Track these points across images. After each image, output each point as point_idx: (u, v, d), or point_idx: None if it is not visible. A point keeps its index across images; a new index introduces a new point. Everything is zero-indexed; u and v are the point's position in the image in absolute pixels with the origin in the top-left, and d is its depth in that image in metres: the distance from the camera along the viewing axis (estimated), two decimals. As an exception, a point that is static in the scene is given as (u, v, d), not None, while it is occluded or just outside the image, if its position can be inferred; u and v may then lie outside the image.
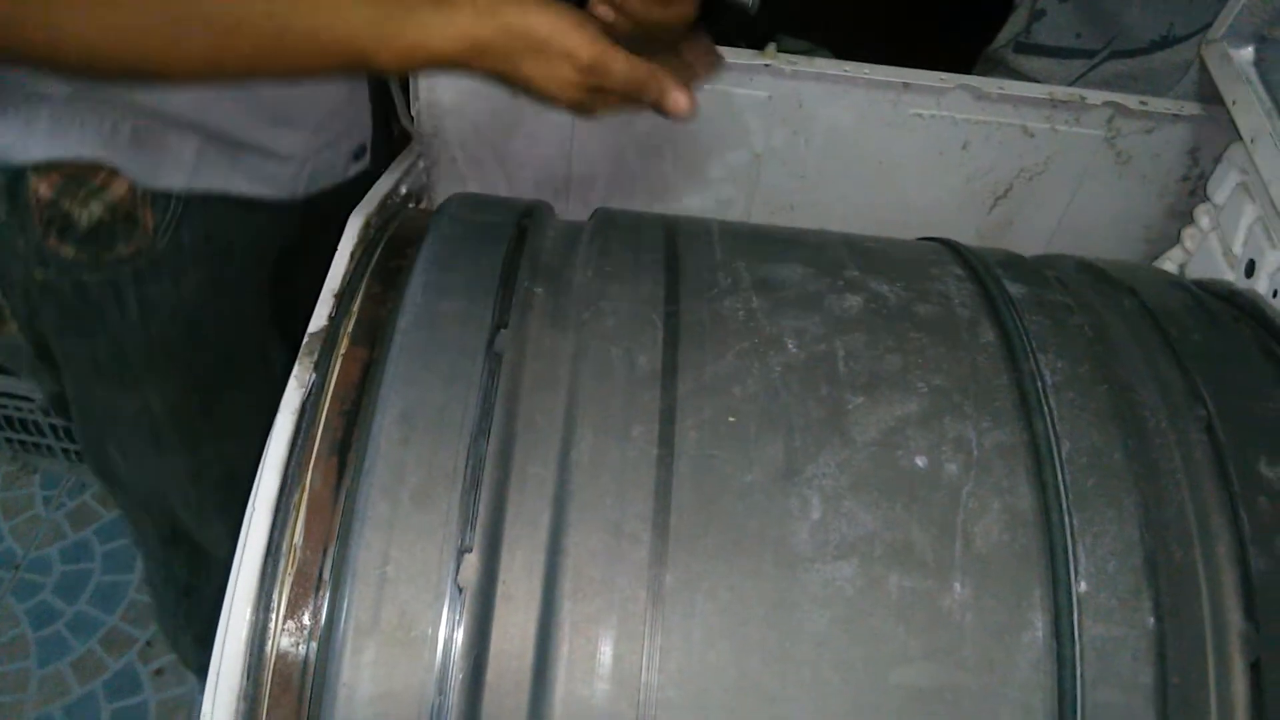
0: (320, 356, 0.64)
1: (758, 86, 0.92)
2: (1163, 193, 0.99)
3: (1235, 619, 0.55)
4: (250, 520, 0.57)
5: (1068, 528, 0.56)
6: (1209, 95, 0.93)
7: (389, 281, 0.70)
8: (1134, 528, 0.56)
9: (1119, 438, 0.60)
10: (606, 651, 0.52)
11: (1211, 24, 0.94)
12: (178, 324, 0.87)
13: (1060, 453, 0.58)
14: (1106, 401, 0.61)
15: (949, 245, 0.78)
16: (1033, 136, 0.94)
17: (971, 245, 0.78)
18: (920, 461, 0.58)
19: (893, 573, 0.54)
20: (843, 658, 0.53)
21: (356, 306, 0.68)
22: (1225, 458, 0.60)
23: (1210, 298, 0.76)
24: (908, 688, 0.53)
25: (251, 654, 0.55)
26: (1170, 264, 0.97)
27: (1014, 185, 0.98)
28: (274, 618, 0.55)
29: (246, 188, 0.85)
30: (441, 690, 0.52)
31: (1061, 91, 0.92)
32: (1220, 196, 0.91)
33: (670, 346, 0.62)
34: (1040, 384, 0.62)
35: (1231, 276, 0.87)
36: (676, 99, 0.63)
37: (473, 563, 0.54)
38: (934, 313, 0.67)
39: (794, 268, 0.69)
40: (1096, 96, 0.92)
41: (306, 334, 0.66)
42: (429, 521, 0.55)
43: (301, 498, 0.58)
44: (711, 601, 0.53)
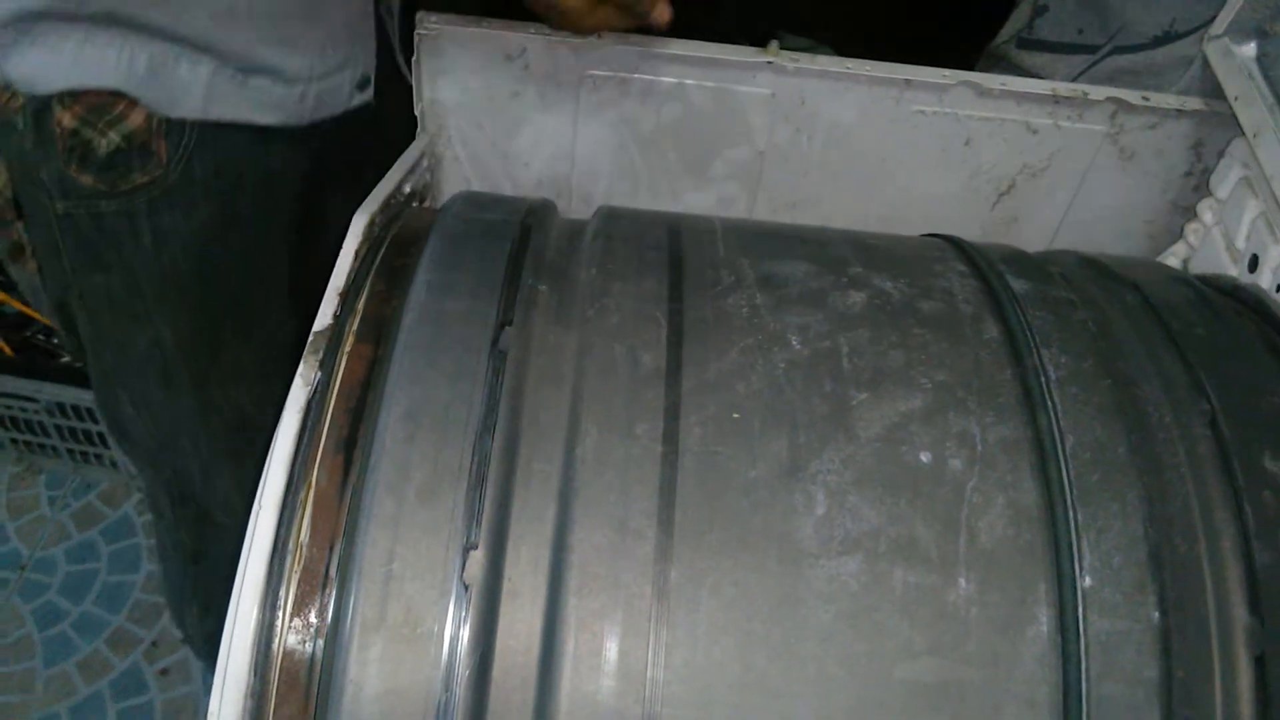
0: (325, 354, 0.64)
1: (760, 84, 0.92)
2: (1166, 188, 0.99)
3: (1240, 613, 0.55)
4: (256, 518, 0.57)
5: (1072, 522, 0.56)
6: (1211, 91, 0.93)
7: (394, 280, 0.70)
8: (1138, 522, 0.56)
9: (1123, 433, 0.60)
10: (612, 647, 0.52)
11: (1214, 19, 0.94)
12: (189, 256, 0.92)
13: (1064, 448, 0.58)
14: (1110, 396, 0.61)
15: (952, 242, 0.78)
16: (1036, 133, 0.94)
17: (975, 241, 0.78)
18: (924, 457, 0.58)
19: (897, 568, 0.55)
20: (847, 653, 0.53)
21: (361, 304, 0.68)
22: (1229, 452, 0.60)
23: (1214, 293, 0.76)
24: (913, 683, 0.53)
25: (258, 652, 0.55)
26: (1174, 259, 0.97)
27: (1017, 181, 0.98)
28: (281, 615, 0.55)
29: (256, 115, 0.90)
30: (448, 686, 0.52)
31: (1064, 87, 0.92)
32: (1223, 191, 0.91)
33: (674, 343, 0.62)
34: (1044, 379, 0.62)
35: (1235, 271, 0.87)
36: (663, 10, 0.72)
37: (478, 559, 0.54)
38: (937, 309, 0.67)
39: (797, 264, 0.69)
40: (1099, 92, 0.92)
41: (312, 332, 0.66)
42: (434, 518, 0.55)
43: (307, 495, 0.58)
44: (716, 597, 0.53)
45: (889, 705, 0.52)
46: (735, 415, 0.59)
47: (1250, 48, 0.91)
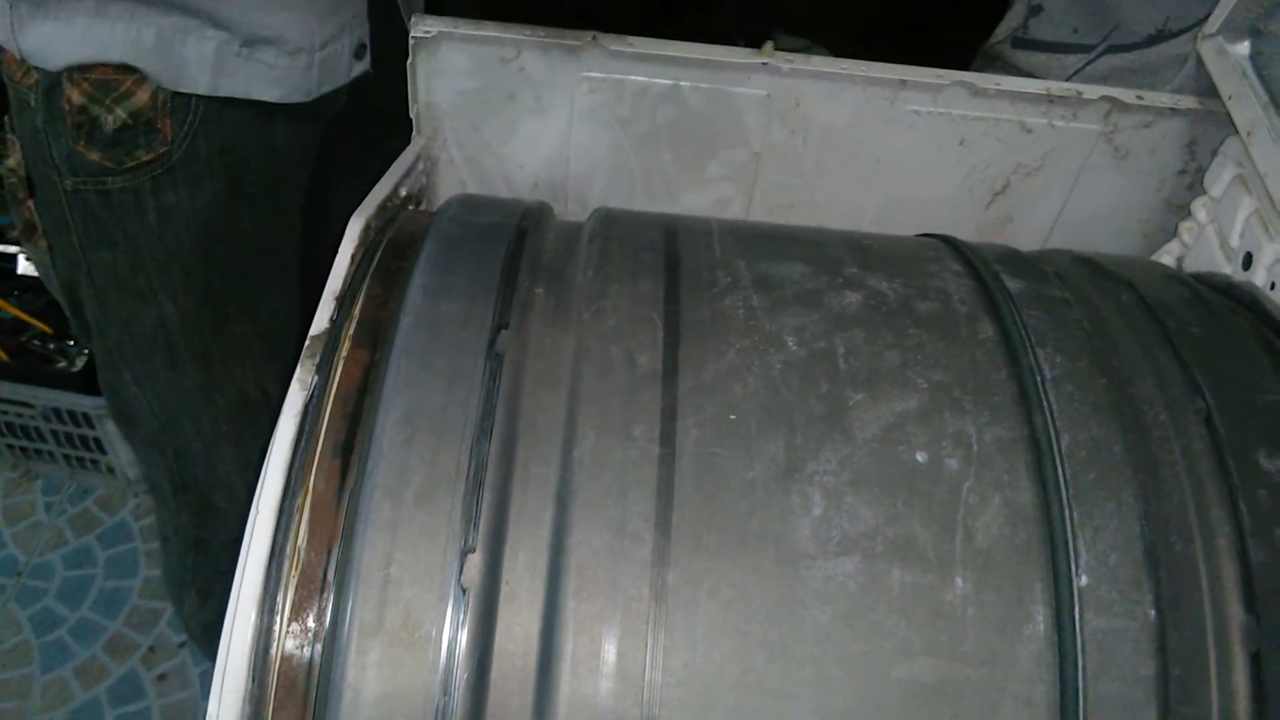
0: (322, 359, 0.64)
1: (755, 85, 0.92)
2: (1160, 187, 0.99)
3: (1235, 611, 0.55)
4: (254, 523, 0.57)
5: (1068, 521, 0.56)
6: (1206, 89, 0.94)
7: (390, 283, 0.70)
8: (1134, 521, 0.56)
9: (1118, 431, 0.60)
10: (610, 650, 0.52)
11: (1207, 18, 0.95)
12: (193, 234, 0.95)
13: (1060, 447, 0.59)
14: (1105, 395, 0.62)
15: (947, 241, 0.78)
16: (1030, 132, 0.94)
17: (970, 241, 0.78)
18: (921, 457, 0.58)
19: (894, 568, 0.55)
20: (845, 653, 0.53)
21: (358, 309, 0.68)
22: (1224, 450, 0.60)
23: (1208, 291, 0.76)
24: (910, 683, 0.53)
25: (256, 656, 0.55)
26: (1168, 257, 0.97)
27: (1012, 181, 0.98)
28: (279, 620, 0.55)
29: (262, 90, 0.92)
30: (446, 690, 0.52)
31: (1058, 87, 0.92)
32: (1217, 190, 0.91)
33: (671, 345, 0.62)
34: (1039, 378, 0.62)
35: (1229, 269, 0.88)
36: None
37: (476, 563, 0.54)
38: (933, 309, 0.67)
39: (793, 266, 0.69)
40: (1093, 91, 0.92)
41: (309, 336, 0.66)
42: (432, 522, 0.55)
43: (305, 500, 0.58)
44: (714, 599, 0.53)
45: (887, 705, 0.52)
46: (732, 417, 0.59)
47: (1244, 46, 0.91)
